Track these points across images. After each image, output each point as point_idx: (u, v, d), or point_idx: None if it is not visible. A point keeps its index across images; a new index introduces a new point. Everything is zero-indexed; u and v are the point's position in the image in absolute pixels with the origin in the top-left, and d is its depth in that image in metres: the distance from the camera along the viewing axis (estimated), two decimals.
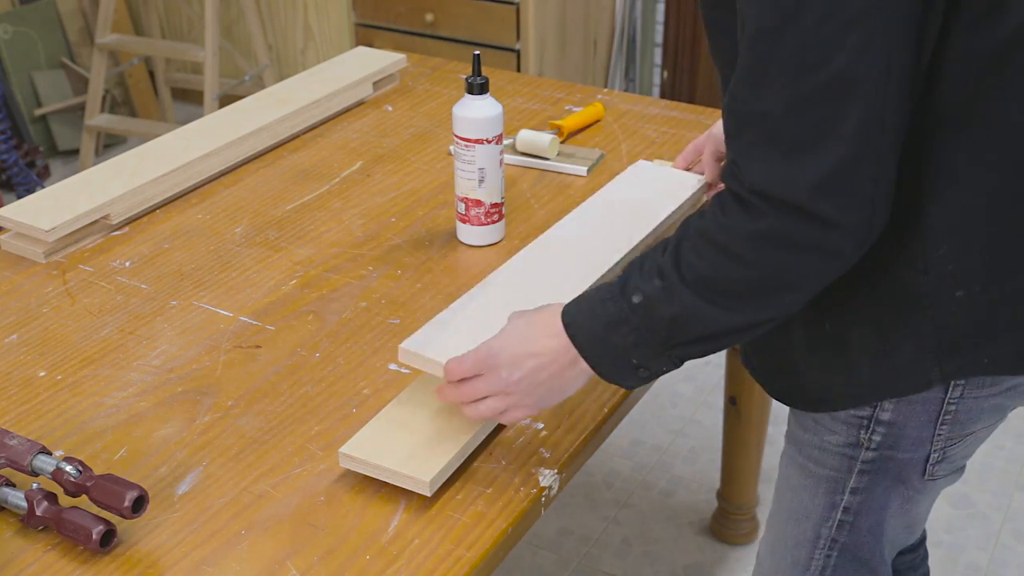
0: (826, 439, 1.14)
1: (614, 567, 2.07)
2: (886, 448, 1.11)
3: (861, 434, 1.11)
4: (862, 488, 1.15)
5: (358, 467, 1.07)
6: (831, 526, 1.19)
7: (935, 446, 1.10)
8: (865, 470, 1.13)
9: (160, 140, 1.69)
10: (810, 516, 1.20)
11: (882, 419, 1.09)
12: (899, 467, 1.12)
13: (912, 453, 1.11)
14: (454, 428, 1.10)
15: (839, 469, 1.14)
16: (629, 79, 3.49)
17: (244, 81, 3.45)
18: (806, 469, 1.18)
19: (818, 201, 0.87)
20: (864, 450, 1.12)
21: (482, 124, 1.39)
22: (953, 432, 1.09)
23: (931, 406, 1.07)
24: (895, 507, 1.17)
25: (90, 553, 1.01)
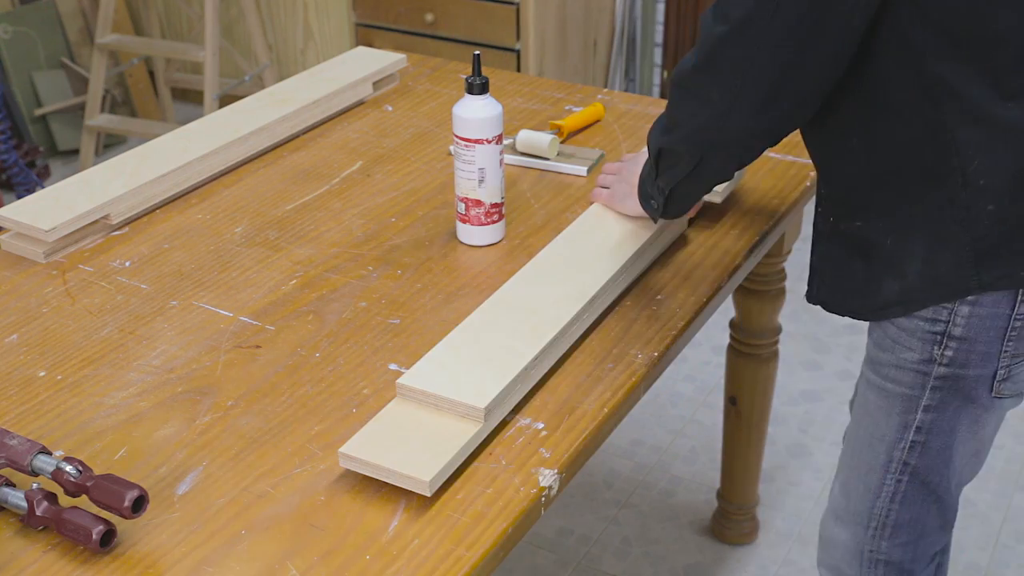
0: (902, 356, 1.22)
1: (614, 567, 2.07)
2: (957, 365, 1.19)
3: (935, 349, 1.19)
4: (934, 406, 1.22)
5: (358, 467, 1.07)
6: (904, 447, 1.26)
7: (1002, 362, 1.19)
8: (938, 386, 1.21)
9: (160, 140, 1.69)
10: (884, 438, 1.28)
11: (954, 334, 1.17)
12: (969, 385, 1.21)
13: (981, 369, 1.19)
14: (454, 428, 1.10)
15: (913, 386, 1.23)
16: (629, 79, 3.49)
17: (244, 81, 3.45)
18: (883, 389, 1.26)
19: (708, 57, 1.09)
20: (937, 365, 1.20)
21: (482, 124, 1.39)
22: (1019, 348, 1.18)
23: (1000, 321, 1.16)
24: (964, 429, 1.24)
25: (90, 553, 1.01)
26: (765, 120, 1.10)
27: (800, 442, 2.37)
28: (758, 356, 1.86)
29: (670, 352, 1.29)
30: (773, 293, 1.79)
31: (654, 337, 1.29)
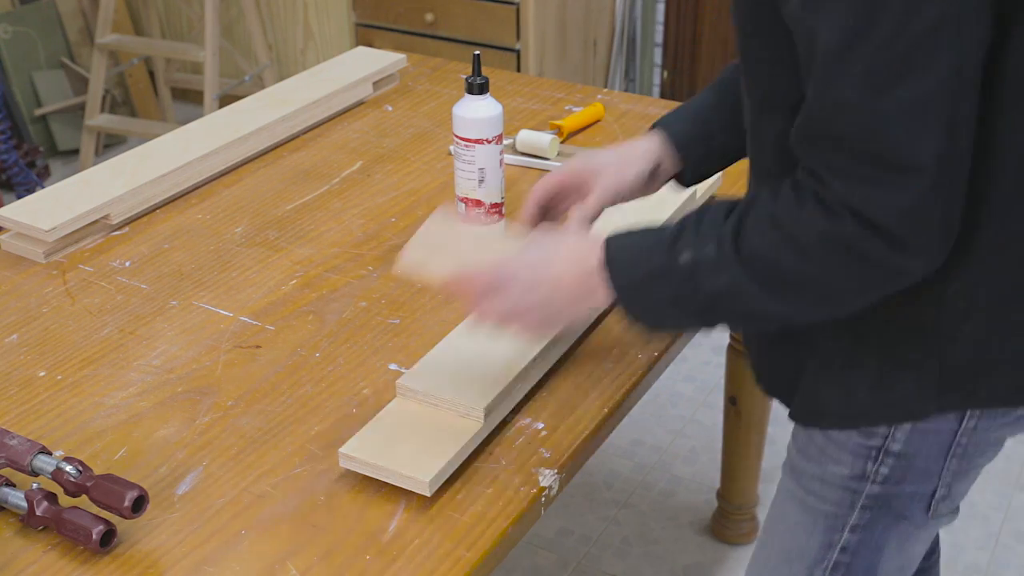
0: (830, 470, 1.10)
1: (614, 567, 2.07)
2: (893, 483, 1.07)
3: (868, 465, 1.07)
4: (862, 526, 1.11)
5: (358, 467, 1.07)
6: (826, 567, 1.14)
7: (942, 480, 1.07)
8: (868, 506, 1.09)
9: (160, 140, 1.69)
10: (804, 556, 1.15)
11: (892, 450, 1.05)
12: (903, 503, 1.09)
13: (918, 487, 1.08)
14: (454, 428, 1.10)
15: (840, 504, 1.10)
16: (629, 79, 3.49)
17: (244, 81, 3.45)
18: (805, 504, 1.13)
19: (902, 227, 0.85)
20: (869, 483, 1.08)
21: (482, 124, 1.39)
22: (961, 466, 1.07)
23: (943, 437, 1.04)
24: (892, 547, 1.13)
25: (90, 553, 1.01)
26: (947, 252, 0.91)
27: None
28: None
29: (670, 352, 1.29)
30: None
31: (654, 337, 1.29)
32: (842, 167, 0.86)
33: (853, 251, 0.87)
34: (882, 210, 0.85)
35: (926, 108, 0.82)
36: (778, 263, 0.90)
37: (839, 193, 0.86)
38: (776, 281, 0.91)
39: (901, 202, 0.84)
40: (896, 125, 0.82)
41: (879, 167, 0.84)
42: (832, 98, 0.85)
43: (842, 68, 0.83)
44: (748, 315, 0.95)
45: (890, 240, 0.86)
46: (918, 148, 0.83)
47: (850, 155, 0.85)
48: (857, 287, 0.91)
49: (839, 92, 0.84)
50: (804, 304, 0.93)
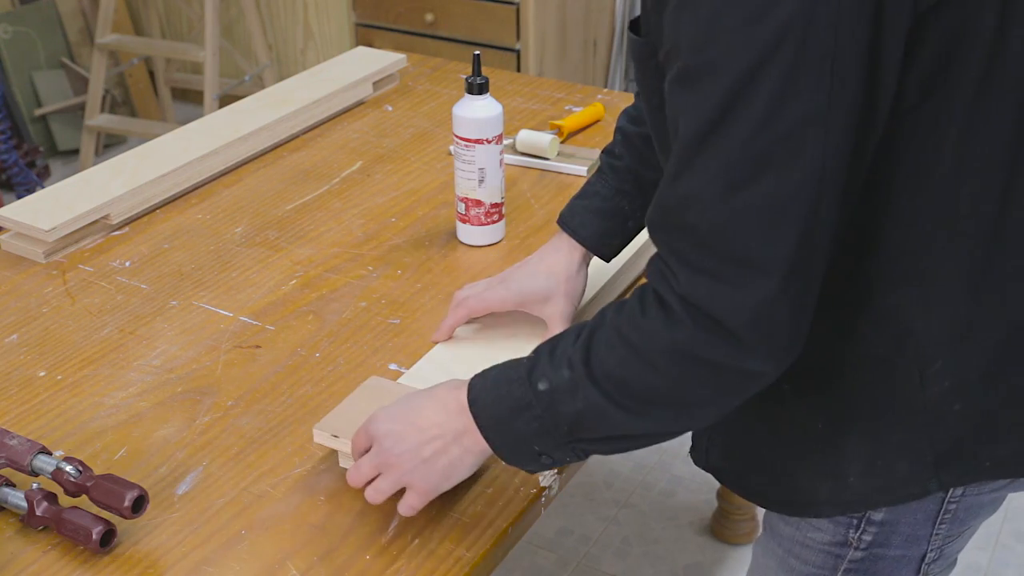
0: (810, 535, 1.06)
1: (614, 567, 2.07)
2: (876, 547, 1.03)
3: (850, 533, 1.03)
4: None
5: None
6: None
7: (932, 544, 1.03)
8: (852, 569, 1.05)
9: (160, 140, 1.69)
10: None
11: (874, 519, 1.01)
12: (890, 565, 1.04)
13: (905, 551, 1.03)
14: None
15: (823, 567, 1.06)
16: (629, 79, 3.49)
17: (244, 81, 3.45)
18: (786, 564, 1.09)
19: (747, 328, 0.81)
20: (853, 549, 1.03)
21: (482, 124, 1.39)
22: (952, 530, 1.03)
23: (930, 505, 1.00)
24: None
25: (90, 553, 1.01)
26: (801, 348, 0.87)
27: None
28: None
29: None
30: None
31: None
32: (690, 259, 0.82)
33: (698, 357, 0.84)
34: (726, 308, 0.81)
35: (782, 209, 0.78)
36: (626, 379, 0.87)
37: (684, 286, 0.82)
38: (628, 397, 0.87)
39: (747, 301, 0.80)
40: (748, 224, 0.79)
41: (727, 263, 0.80)
42: (686, 188, 0.81)
43: (699, 159, 0.79)
44: (612, 436, 0.90)
45: (734, 341, 0.82)
46: (769, 249, 0.79)
47: (699, 247, 0.81)
48: (710, 394, 0.87)
49: (693, 183, 0.80)
50: (663, 418, 0.89)
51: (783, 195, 0.78)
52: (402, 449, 0.97)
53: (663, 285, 0.84)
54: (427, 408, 0.98)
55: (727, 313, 0.81)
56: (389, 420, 0.99)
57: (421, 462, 0.97)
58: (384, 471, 0.99)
